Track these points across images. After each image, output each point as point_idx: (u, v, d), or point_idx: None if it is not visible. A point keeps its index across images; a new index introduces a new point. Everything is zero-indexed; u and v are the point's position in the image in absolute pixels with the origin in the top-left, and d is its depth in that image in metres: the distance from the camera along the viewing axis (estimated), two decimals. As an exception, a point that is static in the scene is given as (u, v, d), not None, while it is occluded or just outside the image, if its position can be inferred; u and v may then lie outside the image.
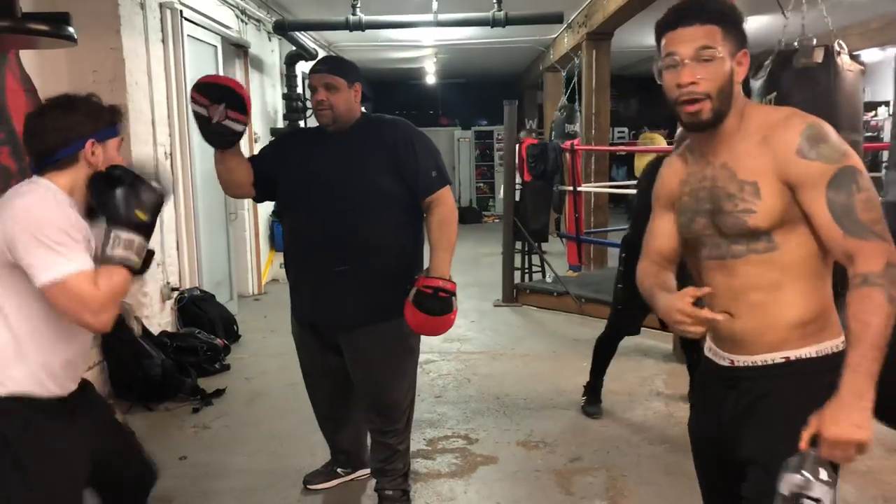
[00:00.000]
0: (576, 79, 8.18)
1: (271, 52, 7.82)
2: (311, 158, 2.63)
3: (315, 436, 3.16)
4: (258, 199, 2.84)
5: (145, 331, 4.32)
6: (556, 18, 6.38)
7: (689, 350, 3.76)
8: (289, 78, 7.83)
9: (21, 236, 1.63)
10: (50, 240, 1.63)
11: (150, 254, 1.85)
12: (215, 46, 5.89)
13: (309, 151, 2.67)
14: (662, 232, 1.73)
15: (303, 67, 8.17)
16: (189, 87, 5.16)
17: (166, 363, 4.17)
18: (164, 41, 4.96)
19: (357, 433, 3.04)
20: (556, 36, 9.51)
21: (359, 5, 6.39)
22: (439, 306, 2.43)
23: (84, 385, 1.95)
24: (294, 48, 7.69)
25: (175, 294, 5.03)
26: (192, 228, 5.29)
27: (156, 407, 4.04)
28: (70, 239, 1.65)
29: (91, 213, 1.79)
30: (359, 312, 2.57)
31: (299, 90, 8.05)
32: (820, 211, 1.44)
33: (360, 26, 6.40)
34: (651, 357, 4.83)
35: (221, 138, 2.51)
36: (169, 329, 4.89)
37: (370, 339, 2.61)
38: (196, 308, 5.09)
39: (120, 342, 4.07)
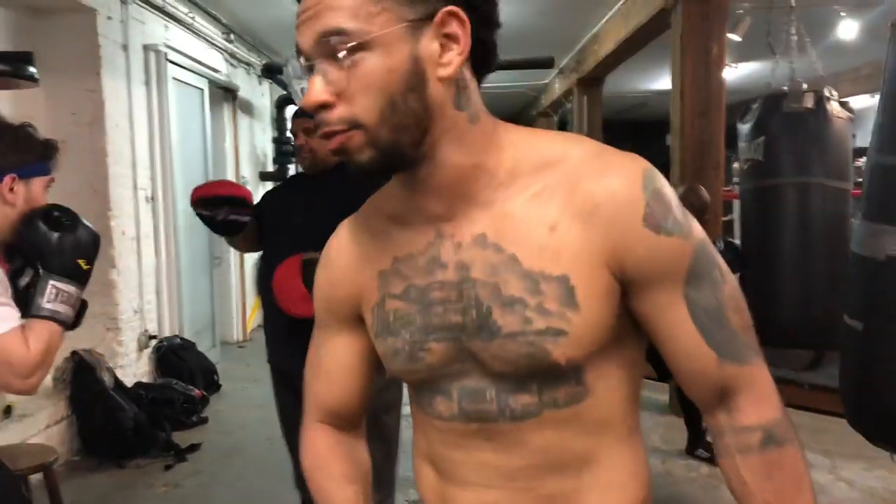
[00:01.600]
0: (568, 124, 8.16)
1: (262, 95, 7.77)
2: (287, 204, 2.57)
3: (292, 496, 2.96)
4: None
5: (117, 382, 4.13)
6: (548, 64, 6.35)
7: (686, 403, 3.59)
8: (279, 121, 7.77)
9: None
10: None
11: (84, 305, 1.64)
12: (202, 89, 5.81)
13: (288, 197, 2.62)
14: (338, 366, 0.98)
15: (293, 111, 8.11)
16: (173, 130, 5.08)
17: (139, 416, 3.97)
18: (147, 84, 4.87)
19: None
20: (547, 81, 9.51)
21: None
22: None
23: None
24: (284, 92, 7.63)
25: (153, 343, 4.84)
26: (172, 274, 5.13)
27: (127, 464, 3.82)
28: None
29: (7, 252, 1.59)
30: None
31: (289, 134, 7.98)
32: (680, 323, 0.81)
33: (349, 70, 6.33)
34: (646, 409, 4.65)
35: (230, 228, 2.52)
36: (145, 380, 4.69)
37: None
38: (175, 357, 4.90)
39: (90, 395, 3.88)
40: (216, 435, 4.31)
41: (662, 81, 8.23)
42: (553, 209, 0.80)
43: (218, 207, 2.43)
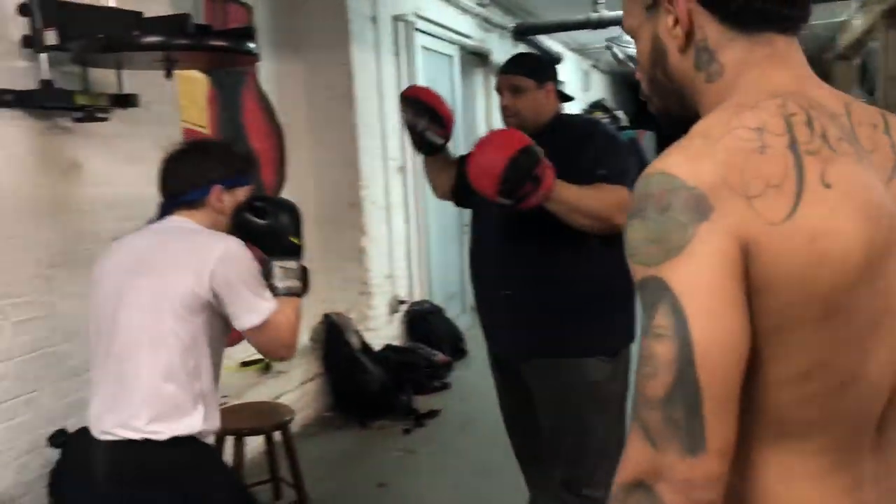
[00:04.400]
0: (869, 70, 6.94)
1: (517, 59, 7.65)
2: None
3: (520, 474, 2.83)
4: (456, 204, 2.64)
5: (364, 345, 4.31)
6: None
7: None
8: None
9: (231, 279, 1.64)
10: (254, 283, 1.68)
11: (306, 270, 1.82)
12: (451, 56, 5.82)
13: None
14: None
15: None
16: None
17: (383, 379, 4.11)
18: (396, 54, 4.97)
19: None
20: (844, 19, 8.17)
21: (602, 2, 5.95)
22: (516, 178, 1.86)
23: None
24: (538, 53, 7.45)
25: (403, 307, 5.00)
26: (423, 241, 5.25)
27: (370, 424, 3.98)
28: (261, 280, 1.71)
29: None
30: (525, 343, 2.24)
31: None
32: None
33: (601, 24, 5.96)
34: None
35: (424, 147, 2.46)
36: (395, 343, 4.87)
37: (543, 375, 2.25)
38: (423, 322, 5.03)
39: (338, 356, 4.09)
40: (456, 401, 4.32)
41: None
42: None
43: (420, 115, 2.35)
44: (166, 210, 1.78)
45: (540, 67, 2.27)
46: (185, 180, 1.75)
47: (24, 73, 2.37)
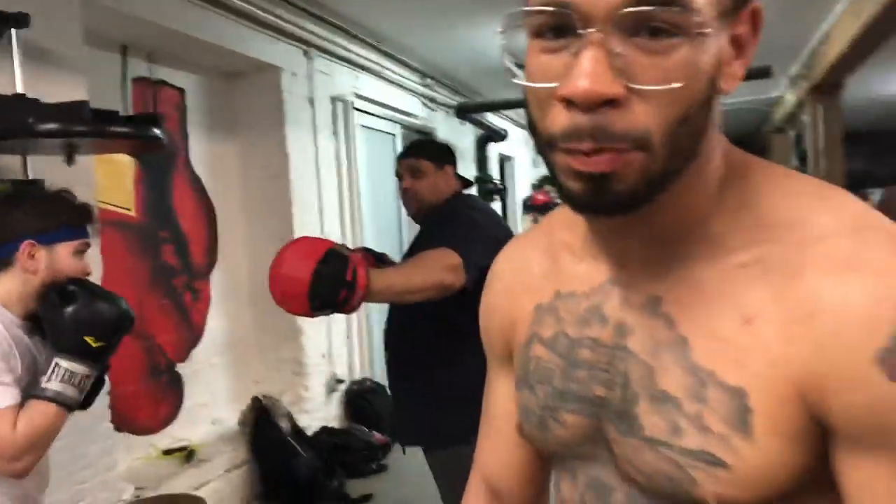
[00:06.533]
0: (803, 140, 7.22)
1: (463, 136, 7.79)
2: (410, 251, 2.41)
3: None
4: None
5: (296, 428, 4.18)
6: (764, 73, 5.59)
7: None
8: (480, 160, 7.73)
9: None
10: None
11: (100, 383, 1.58)
12: (393, 135, 5.90)
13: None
14: (501, 419, 0.82)
15: (497, 149, 8.19)
16: (361, 177, 5.18)
17: (314, 464, 3.97)
18: (335, 133, 5.02)
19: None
20: (779, 94, 8.52)
21: (541, 81, 6.11)
22: (326, 290, 1.64)
23: None
24: (483, 131, 7.60)
25: (341, 387, 4.90)
26: (363, 317, 5.19)
27: (301, 511, 3.84)
28: None
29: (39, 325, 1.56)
30: (407, 429, 2.33)
31: (494, 172, 7.97)
32: None
33: (540, 102, 6.10)
34: None
35: None
36: (335, 424, 4.74)
37: (431, 464, 2.28)
38: (363, 401, 4.92)
39: (267, 441, 3.97)
40: (392, 484, 4.19)
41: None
42: (757, 295, 0.58)
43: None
44: None
45: (438, 151, 2.34)
46: None
47: (-80, 161, 2.32)
